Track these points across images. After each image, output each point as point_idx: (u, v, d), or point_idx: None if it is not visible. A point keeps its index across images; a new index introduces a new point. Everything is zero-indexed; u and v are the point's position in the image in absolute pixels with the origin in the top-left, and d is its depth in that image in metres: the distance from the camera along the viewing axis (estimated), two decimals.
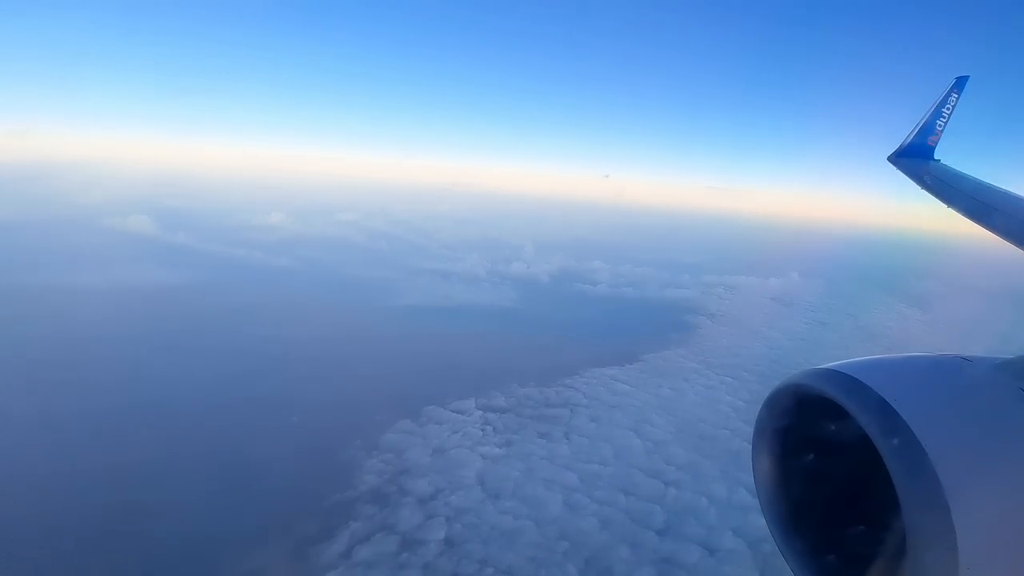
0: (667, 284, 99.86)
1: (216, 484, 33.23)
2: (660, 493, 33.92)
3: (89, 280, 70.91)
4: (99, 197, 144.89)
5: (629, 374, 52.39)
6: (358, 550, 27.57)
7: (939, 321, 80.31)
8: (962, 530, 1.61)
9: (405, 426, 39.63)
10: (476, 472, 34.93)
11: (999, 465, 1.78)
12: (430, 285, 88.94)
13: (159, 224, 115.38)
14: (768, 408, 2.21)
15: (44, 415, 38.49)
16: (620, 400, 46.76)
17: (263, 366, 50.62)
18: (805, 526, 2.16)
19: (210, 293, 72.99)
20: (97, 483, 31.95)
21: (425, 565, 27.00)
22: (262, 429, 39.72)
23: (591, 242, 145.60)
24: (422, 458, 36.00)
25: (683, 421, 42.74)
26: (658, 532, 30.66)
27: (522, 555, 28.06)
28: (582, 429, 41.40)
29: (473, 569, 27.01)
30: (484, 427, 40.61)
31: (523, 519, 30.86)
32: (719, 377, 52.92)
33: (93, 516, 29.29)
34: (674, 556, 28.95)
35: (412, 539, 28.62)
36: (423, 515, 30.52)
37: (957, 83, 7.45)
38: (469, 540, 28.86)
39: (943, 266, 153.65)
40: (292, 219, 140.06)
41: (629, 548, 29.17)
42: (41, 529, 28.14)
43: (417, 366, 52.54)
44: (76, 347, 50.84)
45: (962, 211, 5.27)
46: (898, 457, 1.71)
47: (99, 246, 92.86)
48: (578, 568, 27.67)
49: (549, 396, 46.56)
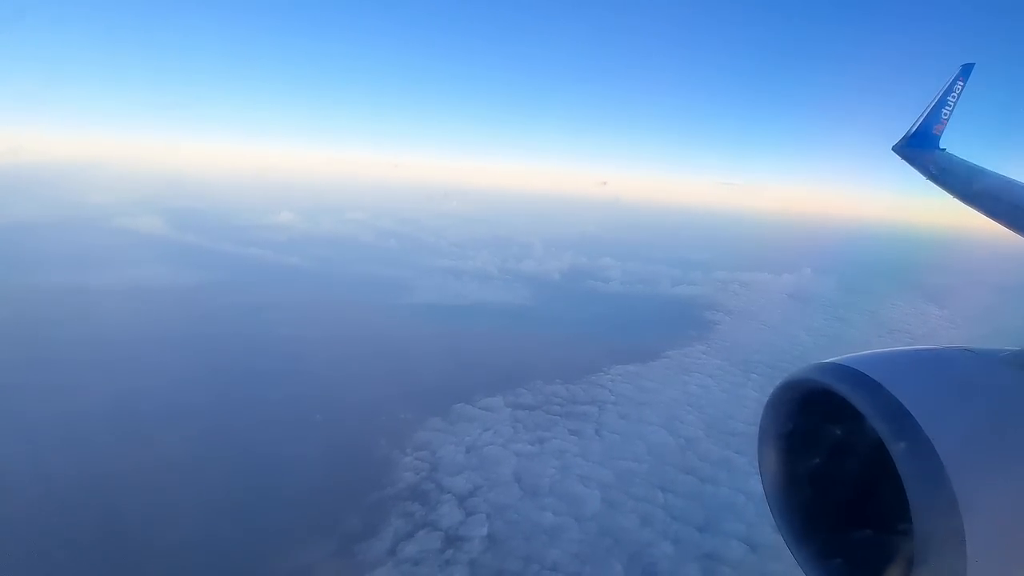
0: (679, 281, 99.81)
1: (250, 482, 33.22)
2: (697, 490, 33.89)
3: (104, 280, 70.97)
4: (109, 198, 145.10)
5: (654, 371, 52.36)
6: (403, 547, 27.61)
7: (957, 316, 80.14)
8: (971, 525, 1.58)
9: (436, 424, 39.66)
10: (512, 469, 34.93)
11: (1008, 459, 1.74)
12: (442, 283, 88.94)
13: (170, 224, 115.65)
14: (773, 404, 2.17)
15: (68, 415, 38.29)
16: (648, 397, 46.73)
17: (282, 365, 50.65)
18: (812, 523, 2.13)
19: (225, 292, 73.05)
20: (127, 485, 31.66)
21: (471, 562, 27.01)
22: (287, 428, 39.72)
23: (599, 239, 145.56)
24: (456, 456, 36.00)
25: (713, 418, 42.67)
26: (699, 528, 30.64)
27: (566, 552, 28.04)
28: (612, 426, 41.38)
29: (518, 566, 27.00)
30: (514, 424, 40.62)
31: (563, 516, 30.85)
32: (744, 374, 52.85)
33: (129, 518, 29.00)
34: (717, 552, 28.91)
35: (455, 536, 28.63)
36: (463, 512, 30.53)
37: (963, 71, 7.27)
38: (512, 537, 28.85)
39: (954, 260, 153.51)
40: (301, 218, 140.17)
41: (672, 544, 29.10)
42: (75, 530, 28.01)
43: (437, 364, 52.41)
44: (97, 347, 50.91)
45: (968, 201, 5.16)
46: (906, 451, 1.69)
47: (112, 247, 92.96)
48: (623, 564, 27.64)
49: (576, 393, 46.52)
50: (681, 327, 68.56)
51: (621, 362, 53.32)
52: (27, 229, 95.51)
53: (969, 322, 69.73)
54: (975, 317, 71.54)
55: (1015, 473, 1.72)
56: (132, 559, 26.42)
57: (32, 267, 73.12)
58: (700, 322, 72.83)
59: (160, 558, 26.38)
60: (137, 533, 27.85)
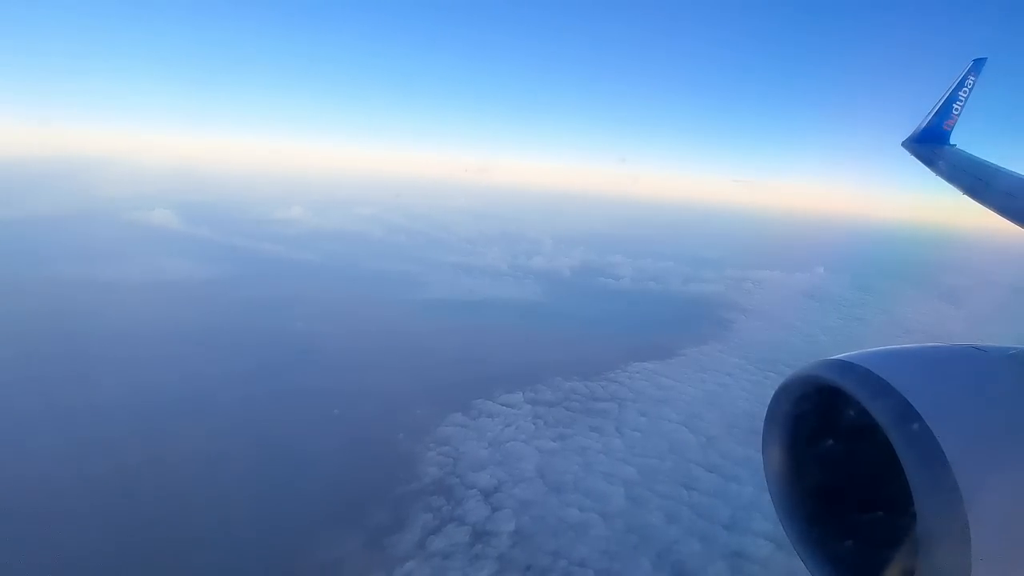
0: (690, 278, 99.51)
1: (272, 477, 33.39)
2: (721, 488, 33.81)
3: (118, 274, 71.37)
4: (121, 191, 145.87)
5: (671, 369, 52.25)
6: (431, 541, 27.70)
7: (974, 316, 79.35)
8: (975, 521, 1.58)
9: (458, 419, 39.73)
10: (535, 465, 34.95)
11: (1013, 456, 1.74)
12: (453, 279, 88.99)
13: (182, 218, 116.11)
14: (779, 399, 2.17)
15: (85, 409, 38.30)
16: (666, 395, 46.65)
17: (298, 360, 50.80)
18: (817, 519, 2.13)
19: (238, 287, 73.35)
20: (147, 479, 31.73)
21: (499, 556, 27.07)
22: (306, 422, 39.85)
23: (609, 236, 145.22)
24: (479, 451, 36.06)
25: (733, 416, 42.51)
26: (725, 527, 30.59)
27: (594, 548, 28.05)
28: (633, 423, 41.34)
29: (547, 561, 27.05)
30: (535, 420, 40.64)
31: (589, 512, 30.86)
32: (762, 372, 52.62)
33: (151, 512, 28.99)
34: (744, 550, 28.84)
35: (483, 531, 28.70)
36: (489, 507, 30.59)
37: (974, 65, 7.11)
38: (539, 532, 28.89)
39: (967, 259, 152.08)
40: (311, 213, 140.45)
41: (699, 542, 29.06)
42: (97, 525, 27.94)
43: (453, 359, 52.53)
44: (113, 341, 51.16)
45: (979, 198, 5.08)
46: (911, 448, 1.68)
47: (125, 240, 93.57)
48: (651, 561, 27.63)
49: (595, 390, 46.49)
50: (696, 325, 68.38)
51: (638, 359, 53.21)
52: (42, 223, 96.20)
53: (987, 322, 69.01)
54: (992, 317, 70.80)
55: (1016, 464, 1.73)
56: (155, 554, 26.39)
57: (47, 260, 73.63)
58: (716, 320, 72.59)
59: (184, 553, 26.43)
60: (160, 528, 27.94)
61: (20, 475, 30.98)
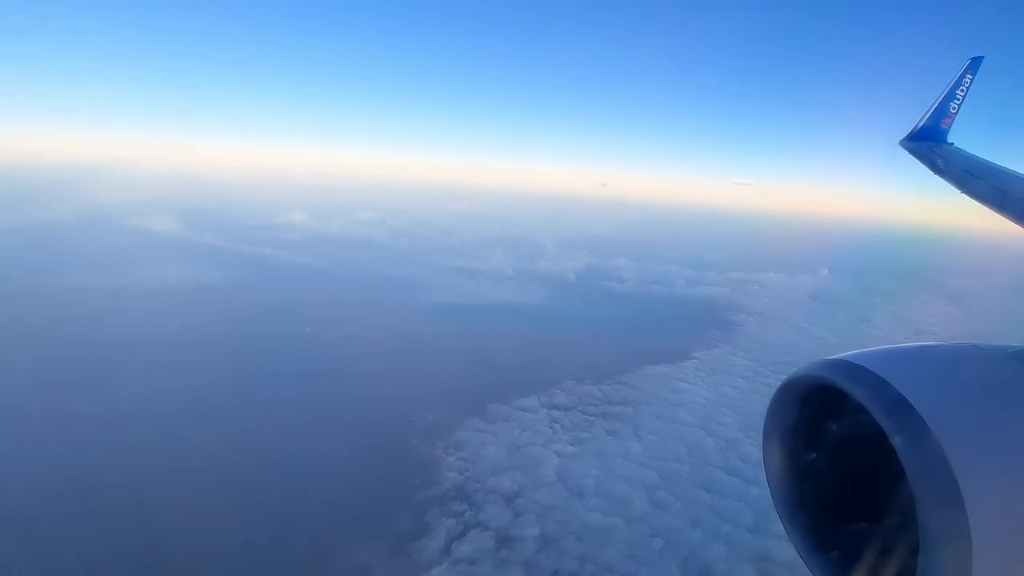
0: (694, 282, 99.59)
1: (289, 483, 33.02)
2: (743, 491, 33.68)
3: (122, 281, 71.06)
4: (124, 198, 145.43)
5: (685, 372, 52.26)
6: (457, 547, 27.50)
7: (980, 316, 79.58)
8: (976, 520, 1.57)
9: (475, 424, 39.54)
10: (555, 469, 34.79)
11: (1013, 454, 1.73)
12: (458, 283, 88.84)
13: (184, 224, 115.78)
14: (779, 399, 2.16)
15: (96, 417, 38.00)
16: (682, 398, 46.61)
17: (306, 365, 50.55)
18: (817, 518, 2.13)
19: (243, 292, 73.06)
20: (164, 485, 31.23)
21: (526, 562, 26.89)
22: (318, 428, 39.60)
23: (612, 240, 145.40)
24: (498, 456, 35.88)
25: (749, 419, 42.42)
26: (749, 530, 30.45)
27: (620, 553, 27.86)
28: (650, 427, 41.22)
29: (574, 566, 26.87)
30: (552, 425, 40.51)
31: (612, 516, 30.71)
32: (775, 375, 52.53)
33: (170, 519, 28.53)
34: (770, 554, 28.66)
35: (507, 536, 28.52)
36: (512, 512, 30.40)
37: (972, 64, 7.15)
38: (563, 537, 28.71)
39: (967, 259, 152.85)
40: (313, 218, 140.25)
41: (725, 546, 28.90)
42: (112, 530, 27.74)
43: (463, 363, 52.31)
44: (120, 348, 50.95)
45: (977, 197, 5.09)
46: (911, 447, 1.67)
47: (128, 247, 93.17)
48: (677, 565, 27.46)
49: (609, 393, 46.39)
50: (705, 328, 68.43)
51: (649, 363, 53.23)
52: (47, 230, 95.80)
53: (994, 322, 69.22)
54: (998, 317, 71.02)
55: (1017, 464, 1.71)
56: (170, 563, 26.09)
57: (52, 268, 73.25)
58: (724, 323, 72.71)
59: (204, 560, 26.15)
60: (177, 536, 27.55)
61: (29, 481, 30.66)
